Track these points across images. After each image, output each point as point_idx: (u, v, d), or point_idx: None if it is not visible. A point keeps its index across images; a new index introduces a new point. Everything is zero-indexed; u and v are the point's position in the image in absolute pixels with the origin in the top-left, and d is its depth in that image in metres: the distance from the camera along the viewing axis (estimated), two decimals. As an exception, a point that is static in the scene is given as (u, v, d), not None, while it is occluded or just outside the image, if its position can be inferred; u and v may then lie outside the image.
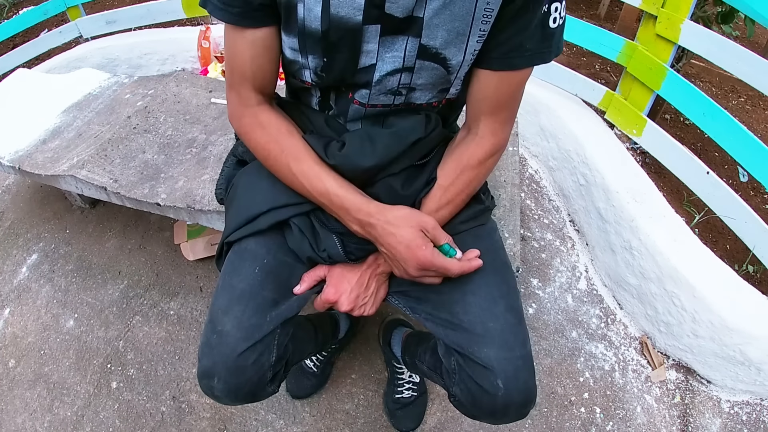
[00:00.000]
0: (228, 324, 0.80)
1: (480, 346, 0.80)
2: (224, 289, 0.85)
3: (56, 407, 1.46)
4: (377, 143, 0.84)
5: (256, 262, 0.87)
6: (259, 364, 0.81)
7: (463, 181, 0.86)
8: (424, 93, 0.83)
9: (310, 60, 0.78)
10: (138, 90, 1.76)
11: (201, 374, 0.82)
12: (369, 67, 0.77)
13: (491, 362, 0.79)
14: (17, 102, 1.82)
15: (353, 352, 1.51)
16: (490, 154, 0.86)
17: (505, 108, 0.83)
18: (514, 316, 0.84)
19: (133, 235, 1.84)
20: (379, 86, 0.80)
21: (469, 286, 0.85)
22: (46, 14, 2.57)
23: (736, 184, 1.93)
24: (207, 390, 0.83)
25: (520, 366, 0.80)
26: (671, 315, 1.47)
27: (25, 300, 1.70)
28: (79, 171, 1.42)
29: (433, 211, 0.86)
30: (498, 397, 0.79)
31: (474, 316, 0.82)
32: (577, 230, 1.86)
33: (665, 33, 1.57)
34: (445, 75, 0.79)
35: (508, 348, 0.80)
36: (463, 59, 0.76)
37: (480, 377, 0.80)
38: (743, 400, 1.45)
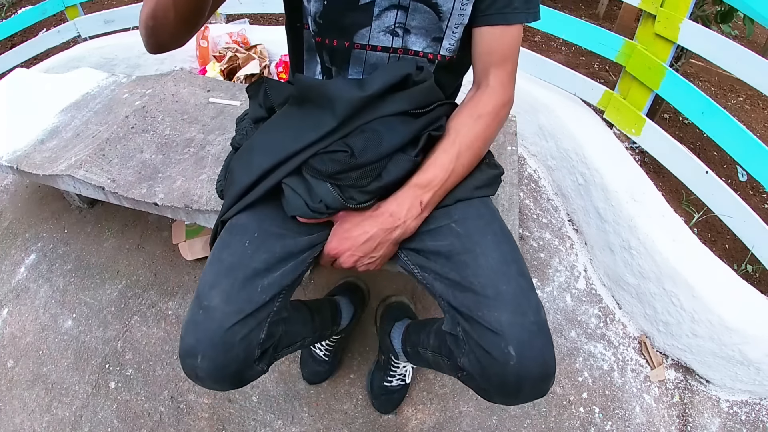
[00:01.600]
0: (216, 298, 0.77)
1: (490, 309, 0.75)
2: (212, 264, 0.82)
3: (54, 407, 1.45)
4: (371, 77, 0.86)
5: (246, 235, 0.84)
6: (247, 340, 0.77)
7: (481, 126, 0.87)
8: (418, 38, 0.86)
9: (312, 4, 0.82)
10: (136, 89, 1.76)
11: (183, 353, 0.77)
12: (369, 3, 0.81)
13: (502, 327, 0.73)
14: (15, 102, 1.82)
15: (352, 352, 1.51)
16: (502, 105, 0.89)
17: (509, 60, 0.88)
18: (526, 280, 0.80)
19: (132, 234, 1.83)
20: (378, 21, 0.84)
21: (481, 247, 0.81)
22: (45, 14, 2.57)
23: (735, 184, 1.93)
24: (189, 371, 0.78)
25: (535, 332, 0.74)
26: (670, 314, 1.47)
27: (23, 300, 1.70)
28: (76, 171, 1.42)
29: (454, 155, 0.85)
30: (509, 366, 0.72)
31: (485, 278, 0.78)
32: (575, 230, 1.86)
33: (664, 32, 1.57)
34: (437, 21, 0.84)
35: (521, 312, 0.74)
36: (453, 6, 0.82)
37: (489, 344, 0.73)
38: (742, 400, 1.45)
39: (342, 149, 0.83)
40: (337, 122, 0.83)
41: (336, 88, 0.85)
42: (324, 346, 1.41)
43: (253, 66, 2.33)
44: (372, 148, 0.82)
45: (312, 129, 0.84)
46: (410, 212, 0.84)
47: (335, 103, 0.83)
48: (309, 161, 0.84)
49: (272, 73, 2.31)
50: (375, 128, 0.84)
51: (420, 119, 0.87)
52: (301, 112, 0.88)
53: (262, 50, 2.47)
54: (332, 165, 0.82)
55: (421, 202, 0.84)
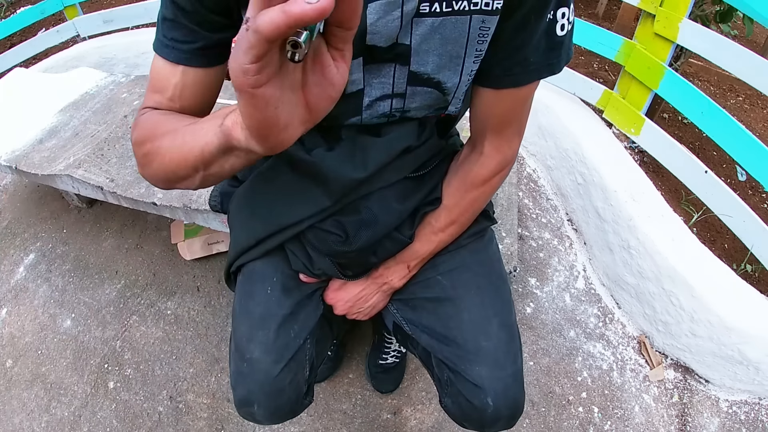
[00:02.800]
0: (256, 350, 0.82)
1: (472, 364, 0.82)
2: (242, 316, 0.87)
3: (53, 407, 1.45)
4: (368, 153, 0.77)
5: (266, 282, 0.88)
6: (295, 382, 0.83)
7: (468, 200, 0.85)
8: (420, 111, 0.76)
9: None
10: (135, 89, 1.76)
11: (239, 403, 0.83)
12: (357, 92, 0.70)
13: (482, 381, 0.81)
14: (14, 101, 1.82)
15: (350, 352, 1.51)
16: (495, 172, 0.83)
17: (510, 125, 0.78)
18: (507, 332, 0.85)
19: (130, 234, 1.83)
20: (370, 110, 0.73)
21: (465, 302, 0.86)
22: (44, 13, 2.56)
23: (735, 183, 1.93)
24: (247, 417, 0.85)
25: (510, 384, 0.82)
26: (669, 314, 1.47)
27: (22, 300, 1.70)
28: (75, 170, 1.41)
29: (438, 230, 0.87)
30: (487, 413, 0.81)
31: (467, 333, 0.84)
32: (575, 229, 1.86)
33: (663, 32, 1.56)
34: (441, 97, 0.73)
35: (500, 367, 0.82)
36: (459, 80, 0.70)
37: (471, 394, 0.82)
38: (741, 400, 1.45)
39: (336, 232, 0.83)
40: (331, 202, 0.80)
41: (329, 166, 0.77)
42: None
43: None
44: (366, 232, 0.82)
45: (305, 203, 0.82)
46: (397, 274, 0.90)
47: (329, 183, 0.78)
48: (306, 233, 0.86)
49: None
50: (370, 208, 0.81)
51: (420, 184, 0.85)
52: (293, 181, 0.84)
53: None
54: (326, 245, 0.85)
55: (408, 266, 0.90)
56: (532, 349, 1.54)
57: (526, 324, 1.59)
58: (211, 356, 1.51)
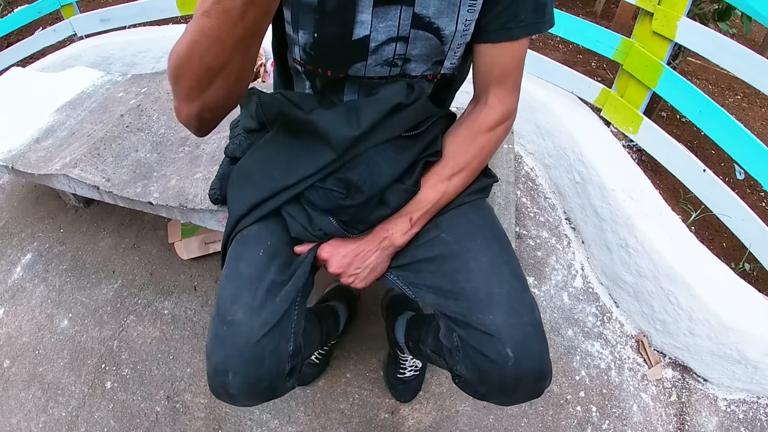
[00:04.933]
0: (239, 312, 0.75)
1: (485, 312, 0.74)
2: (230, 278, 0.81)
3: (51, 407, 1.45)
4: (361, 111, 0.81)
5: (259, 245, 0.84)
6: (278, 353, 0.76)
7: (476, 147, 0.86)
8: (419, 64, 0.82)
9: (301, 35, 0.76)
10: (131, 88, 1.75)
11: (213, 372, 0.75)
12: (363, 38, 0.76)
13: (498, 329, 0.72)
14: (11, 101, 1.81)
15: (348, 351, 1.50)
16: (501, 120, 0.87)
17: (510, 76, 0.84)
18: (520, 282, 0.79)
19: (128, 234, 1.83)
20: (375, 56, 0.79)
21: (472, 252, 0.81)
22: (40, 12, 2.55)
23: (733, 182, 1.93)
24: (220, 389, 0.76)
25: (531, 332, 0.73)
26: (667, 313, 1.46)
27: (19, 300, 1.70)
28: (71, 170, 1.41)
29: (445, 178, 0.85)
30: (508, 367, 0.72)
31: (477, 282, 0.77)
32: (573, 228, 1.86)
33: (662, 30, 1.56)
34: (439, 46, 0.79)
35: (516, 313, 0.74)
36: (455, 29, 0.77)
37: (486, 347, 0.73)
38: (740, 399, 1.44)
39: (337, 189, 0.82)
40: (330, 160, 0.82)
41: (327, 123, 0.81)
42: (317, 350, 1.41)
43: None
44: (368, 185, 0.82)
45: (303, 164, 0.83)
46: (399, 227, 0.86)
47: (327, 140, 0.81)
48: (305, 194, 0.84)
49: (268, 71, 2.30)
50: (371, 160, 0.82)
51: (415, 141, 0.86)
52: (293, 143, 0.86)
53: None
54: (328, 202, 0.83)
55: (411, 219, 0.85)
56: (530, 348, 1.54)
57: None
58: (208, 356, 1.50)
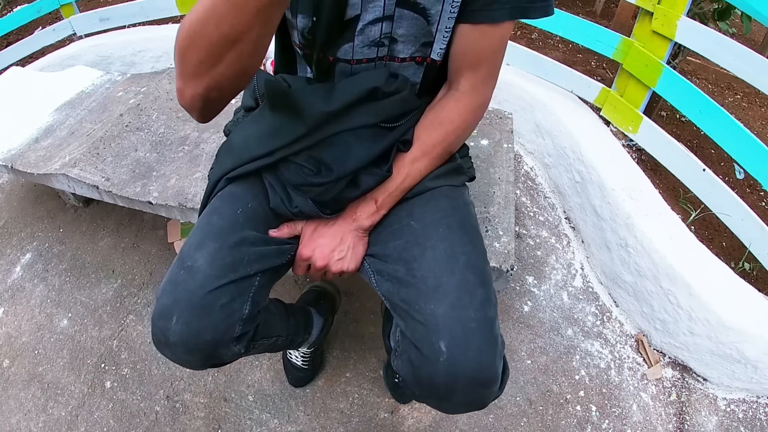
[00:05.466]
0: (200, 259, 0.72)
1: (427, 301, 0.69)
2: (199, 227, 0.78)
3: (50, 407, 1.45)
4: (338, 89, 0.82)
5: (238, 203, 0.82)
6: (229, 309, 0.71)
7: (440, 133, 0.85)
8: (406, 46, 0.82)
9: (299, 19, 0.79)
10: (131, 87, 1.75)
11: (157, 314, 0.71)
12: (354, 18, 0.77)
13: (435, 319, 0.66)
14: (10, 100, 1.81)
15: (347, 351, 1.50)
16: (470, 109, 0.85)
17: (485, 63, 0.81)
18: (476, 275, 0.73)
19: (127, 233, 1.83)
20: (362, 36, 0.79)
21: (431, 240, 0.77)
22: (40, 12, 2.55)
23: (733, 182, 1.93)
24: (161, 334, 0.71)
25: (473, 329, 0.66)
26: (667, 313, 1.46)
27: (19, 299, 1.70)
28: (71, 170, 1.41)
29: (407, 163, 0.84)
30: (439, 362, 0.65)
31: (428, 270, 0.72)
32: (572, 227, 1.86)
33: (661, 29, 1.56)
34: (426, 26, 0.79)
35: (461, 306, 0.67)
36: (442, 9, 0.76)
37: (420, 338, 0.67)
38: (739, 398, 1.44)
39: (308, 166, 0.81)
40: (301, 133, 0.81)
41: (303, 98, 0.81)
42: (300, 355, 1.39)
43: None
44: (337, 165, 0.80)
45: (278, 135, 0.83)
46: (365, 210, 0.85)
47: (300, 113, 0.81)
48: (279, 166, 0.84)
49: (267, 70, 2.30)
50: (345, 140, 0.82)
51: (393, 132, 0.85)
52: (273, 116, 0.87)
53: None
54: (298, 177, 0.82)
55: (376, 201, 0.85)
56: (529, 347, 1.54)
57: (523, 322, 1.59)
58: (208, 356, 1.50)
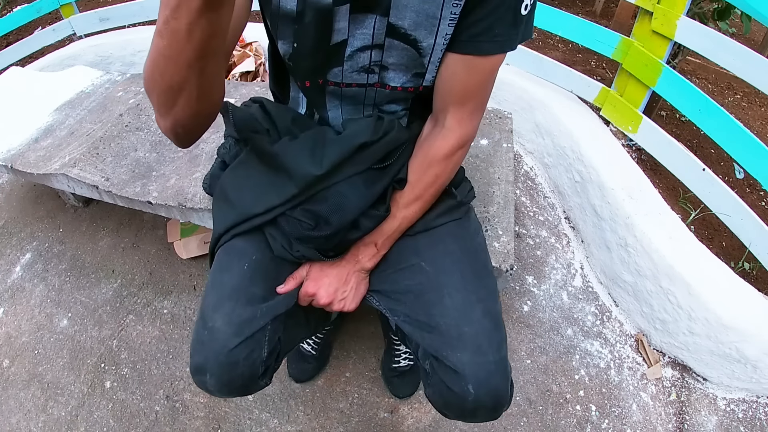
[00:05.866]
0: (219, 320, 0.81)
1: (453, 350, 0.80)
2: (214, 287, 0.86)
3: (50, 407, 1.45)
4: (326, 150, 0.83)
5: (244, 258, 0.87)
6: (250, 360, 0.81)
7: (431, 176, 0.86)
8: (397, 74, 0.81)
9: (280, 45, 0.78)
10: (130, 87, 1.75)
11: (193, 370, 0.83)
12: (341, 42, 0.76)
13: (463, 367, 0.79)
14: (10, 100, 1.81)
15: (347, 351, 1.50)
16: (457, 147, 0.85)
17: (473, 98, 0.81)
18: (491, 320, 0.84)
19: (127, 233, 1.83)
20: (350, 62, 0.79)
21: (447, 288, 0.85)
22: (40, 12, 2.55)
23: (732, 181, 1.93)
24: (200, 385, 0.84)
25: (493, 371, 0.80)
26: (667, 312, 1.46)
27: (18, 299, 1.70)
28: (70, 170, 1.41)
29: (402, 207, 0.88)
30: (468, 401, 0.80)
31: (450, 318, 0.83)
32: (572, 227, 1.86)
33: (661, 29, 1.56)
34: (417, 57, 0.78)
35: (482, 353, 0.80)
36: (434, 42, 0.75)
37: (451, 381, 0.80)
38: (739, 398, 1.44)
39: (306, 220, 0.85)
40: (294, 193, 0.85)
41: (289, 161, 0.84)
42: (312, 339, 1.41)
43: (249, 63, 2.32)
44: (336, 218, 0.85)
45: (271, 193, 0.86)
46: (366, 253, 0.91)
47: (291, 175, 0.84)
48: (279, 221, 0.88)
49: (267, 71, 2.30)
50: (339, 192, 0.85)
51: (386, 172, 0.87)
52: (262, 170, 0.89)
53: (257, 48, 2.46)
54: (297, 231, 0.86)
55: (376, 244, 0.90)
56: (529, 347, 1.54)
57: (523, 322, 1.59)
58: (207, 355, 1.50)
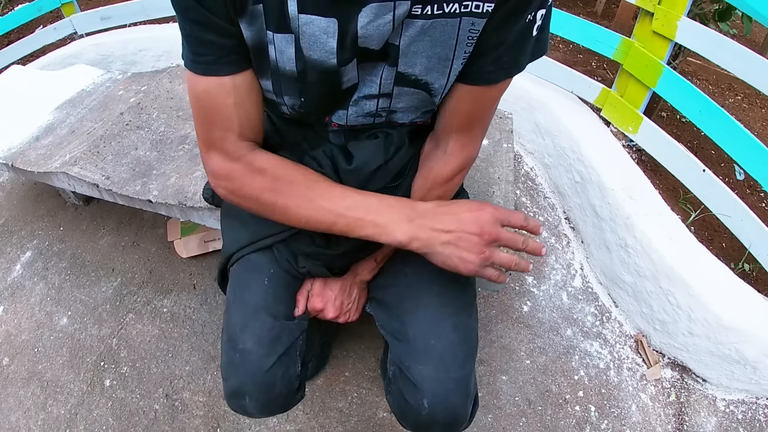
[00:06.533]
0: (249, 341, 0.81)
1: (417, 362, 0.80)
2: (237, 305, 0.86)
3: (50, 405, 1.45)
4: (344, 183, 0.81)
5: (263, 273, 0.88)
6: (287, 377, 0.83)
7: (433, 197, 0.85)
8: (406, 114, 0.77)
9: (286, 99, 0.74)
10: (131, 86, 1.75)
11: (230, 394, 0.83)
12: (351, 87, 0.72)
13: (422, 380, 0.79)
14: (11, 99, 1.81)
15: (347, 350, 1.50)
16: (458, 170, 0.83)
17: (477, 124, 0.79)
18: (460, 334, 0.83)
19: (127, 232, 1.83)
20: (355, 108, 0.74)
21: (424, 298, 0.86)
22: (41, 11, 2.56)
23: (733, 182, 1.93)
24: (238, 408, 0.84)
25: (452, 389, 0.79)
26: (666, 313, 1.46)
27: (18, 298, 1.70)
28: (71, 168, 1.41)
29: None
30: (422, 415, 0.80)
31: (418, 330, 0.83)
32: (572, 228, 1.86)
33: (662, 30, 1.56)
34: (429, 98, 0.74)
35: (444, 368, 0.80)
36: (447, 81, 0.71)
37: (408, 393, 0.81)
38: (739, 399, 1.44)
39: (319, 237, 0.86)
40: None
41: None
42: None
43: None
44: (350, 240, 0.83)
45: None
46: (366, 266, 0.94)
47: None
48: (288, 240, 0.88)
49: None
50: None
51: (399, 189, 0.86)
52: None
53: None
54: (311, 248, 0.87)
55: (376, 258, 0.93)
56: (528, 347, 1.54)
57: (522, 322, 1.59)
58: (207, 354, 1.50)
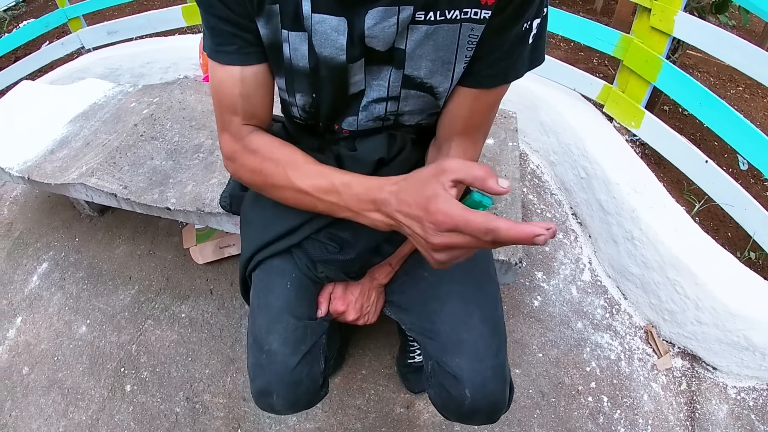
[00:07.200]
0: (274, 342, 0.85)
1: (452, 356, 0.84)
2: (261, 309, 0.89)
3: (71, 412, 1.47)
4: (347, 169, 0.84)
5: (285, 277, 0.91)
6: (312, 375, 0.87)
7: None
8: (413, 116, 0.82)
9: (298, 98, 0.78)
10: (143, 98, 1.79)
11: (258, 394, 0.86)
12: (358, 93, 0.76)
13: (461, 372, 0.82)
14: (23, 114, 1.85)
15: (363, 348, 1.53)
16: None
17: (478, 127, 0.82)
18: (489, 326, 0.87)
19: (143, 241, 1.86)
20: (366, 113, 0.79)
21: (447, 296, 0.89)
22: (48, 26, 2.60)
23: (736, 173, 1.95)
24: (266, 407, 0.88)
25: (489, 377, 0.83)
26: (675, 303, 1.48)
27: (36, 308, 1.73)
28: (88, 179, 1.44)
29: None
30: (465, 405, 0.83)
31: (449, 326, 0.86)
32: (579, 223, 1.88)
33: (659, 25, 1.59)
34: (434, 101, 0.78)
35: (479, 359, 0.83)
36: (450, 84, 0.75)
37: (450, 385, 0.84)
38: (749, 386, 1.46)
39: (331, 243, 0.89)
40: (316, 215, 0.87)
41: None
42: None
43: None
44: (360, 243, 0.89)
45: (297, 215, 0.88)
46: (382, 272, 0.97)
47: None
48: (304, 244, 0.91)
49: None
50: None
51: None
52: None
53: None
54: (323, 254, 0.90)
55: (390, 264, 0.97)
56: (540, 341, 1.56)
57: (534, 317, 1.62)
58: (226, 357, 1.53)
